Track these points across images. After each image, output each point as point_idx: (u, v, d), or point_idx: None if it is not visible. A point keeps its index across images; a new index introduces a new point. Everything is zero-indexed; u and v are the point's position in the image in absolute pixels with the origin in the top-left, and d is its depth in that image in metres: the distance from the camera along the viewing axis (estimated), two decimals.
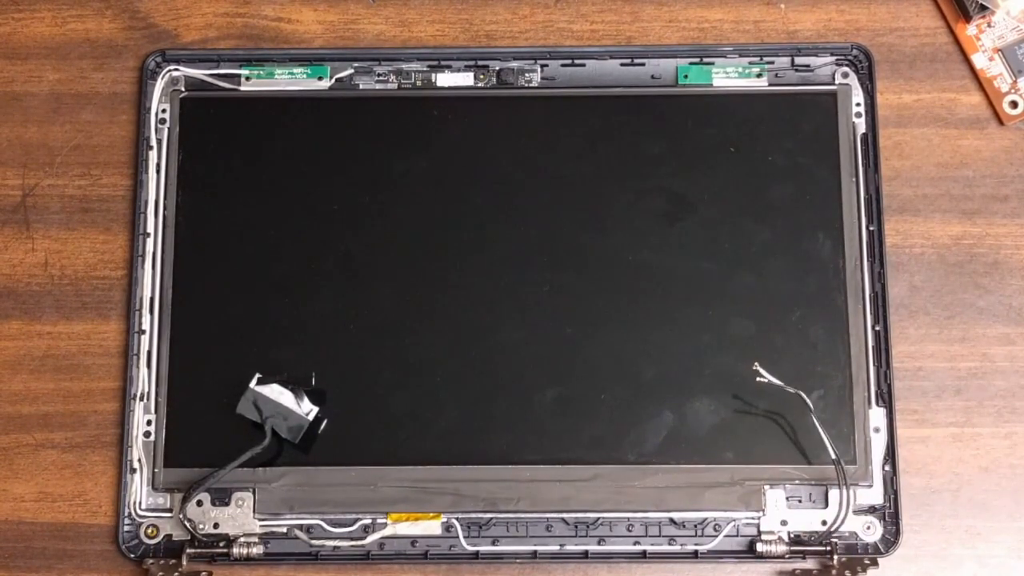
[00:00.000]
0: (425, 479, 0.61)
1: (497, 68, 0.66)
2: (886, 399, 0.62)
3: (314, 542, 0.61)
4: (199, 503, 0.62)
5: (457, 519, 0.62)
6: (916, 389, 0.64)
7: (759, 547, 0.61)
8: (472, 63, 0.66)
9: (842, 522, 0.60)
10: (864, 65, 0.66)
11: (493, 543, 0.62)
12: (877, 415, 0.62)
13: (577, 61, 0.66)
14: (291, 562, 0.62)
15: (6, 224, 0.66)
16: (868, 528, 0.61)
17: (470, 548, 0.62)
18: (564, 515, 0.62)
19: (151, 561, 0.61)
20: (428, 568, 0.62)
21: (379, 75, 0.66)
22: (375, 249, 0.64)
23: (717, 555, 0.61)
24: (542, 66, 0.66)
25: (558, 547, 0.62)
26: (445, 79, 0.66)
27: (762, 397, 0.61)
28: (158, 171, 0.65)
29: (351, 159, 0.65)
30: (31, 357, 0.65)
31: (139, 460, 0.63)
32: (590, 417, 0.62)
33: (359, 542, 0.62)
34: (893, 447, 0.62)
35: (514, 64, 0.66)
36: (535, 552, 0.62)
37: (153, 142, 0.66)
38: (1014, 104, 0.66)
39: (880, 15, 0.67)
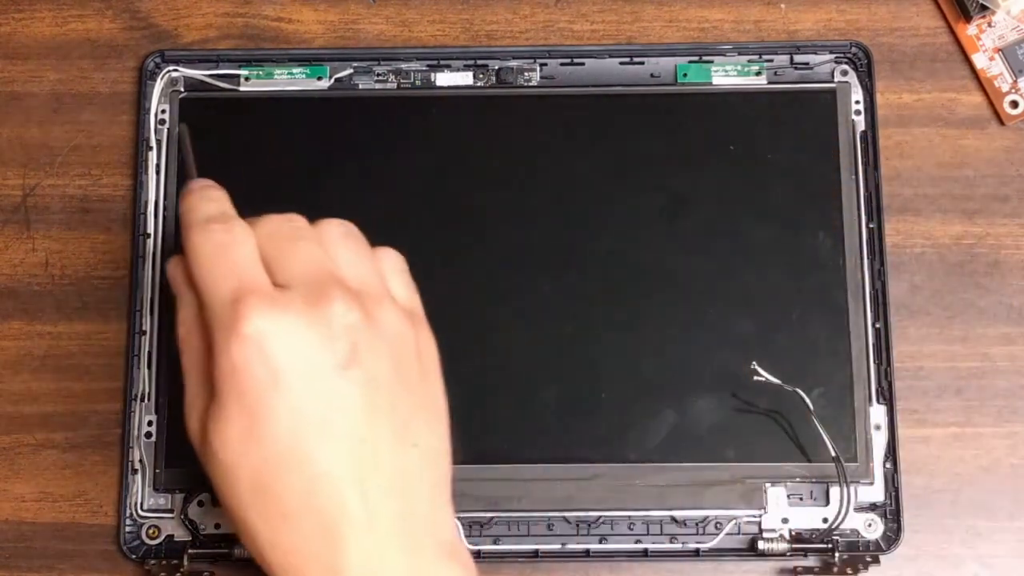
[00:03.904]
0: None
1: (496, 67, 0.66)
2: (887, 396, 0.62)
3: None
4: (200, 503, 0.62)
5: (459, 518, 0.62)
6: (916, 389, 0.64)
7: (761, 545, 0.61)
8: (471, 62, 0.66)
9: (843, 520, 0.61)
10: (863, 63, 0.66)
11: (495, 542, 0.62)
12: (878, 412, 0.62)
13: (576, 60, 0.66)
14: None
15: (7, 224, 0.66)
16: (869, 525, 0.61)
17: (472, 547, 0.62)
18: (565, 514, 0.62)
19: (153, 562, 0.61)
20: None
21: (378, 75, 0.66)
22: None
23: (719, 553, 0.61)
24: (541, 65, 0.66)
25: (560, 546, 0.62)
26: (444, 78, 0.66)
27: (763, 395, 0.61)
28: (158, 172, 0.65)
29: (350, 158, 0.65)
30: (32, 357, 0.65)
31: (140, 461, 0.63)
32: (591, 416, 0.62)
33: None
34: (894, 444, 0.62)
35: (513, 63, 0.66)
36: (537, 551, 0.62)
37: (153, 143, 0.66)
38: (1015, 104, 0.66)
39: (880, 15, 0.67)
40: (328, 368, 0.48)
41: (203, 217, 0.51)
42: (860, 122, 0.65)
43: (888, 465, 0.62)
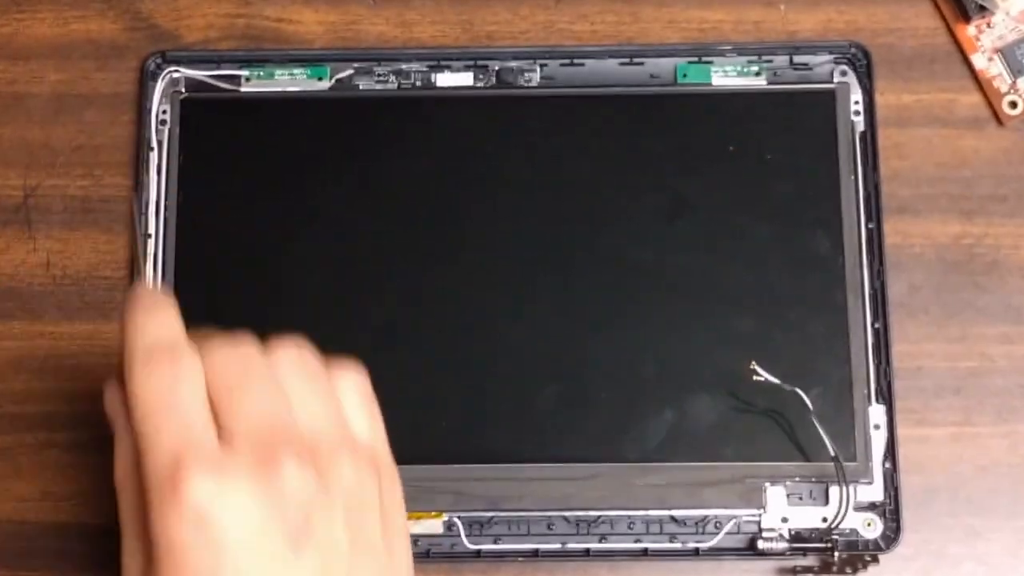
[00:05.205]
0: (426, 478, 0.61)
1: (496, 68, 0.66)
2: (886, 396, 0.62)
3: None
4: None
5: (459, 518, 0.62)
6: (915, 388, 0.64)
7: (760, 544, 0.61)
8: (471, 63, 0.66)
9: (842, 519, 0.61)
10: (862, 63, 0.66)
11: (495, 541, 0.62)
12: (877, 412, 0.62)
13: (576, 60, 0.66)
14: None
15: (8, 224, 0.66)
16: (869, 525, 0.61)
17: (472, 547, 0.62)
18: (565, 513, 0.62)
19: None
20: (430, 567, 0.62)
21: (379, 75, 0.67)
22: (375, 249, 0.64)
23: (718, 552, 0.61)
24: (541, 66, 0.66)
25: (560, 545, 0.62)
26: (445, 79, 0.66)
27: (762, 394, 0.61)
28: (159, 172, 0.65)
29: (351, 158, 0.65)
30: (33, 357, 0.65)
31: None
32: (591, 415, 0.62)
33: None
34: (893, 444, 0.62)
35: (513, 64, 0.66)
36: (537, 550, 0.62)
37: (154, 143, 0.66)
38: (1013, 104, 0.66)
39: (879, 16, 0.68)
40: (279, 547, 0.43)
41: (150, 343, 0.45)
42: (859, 122, 0.65)
43: (887, 465, 0.62)
